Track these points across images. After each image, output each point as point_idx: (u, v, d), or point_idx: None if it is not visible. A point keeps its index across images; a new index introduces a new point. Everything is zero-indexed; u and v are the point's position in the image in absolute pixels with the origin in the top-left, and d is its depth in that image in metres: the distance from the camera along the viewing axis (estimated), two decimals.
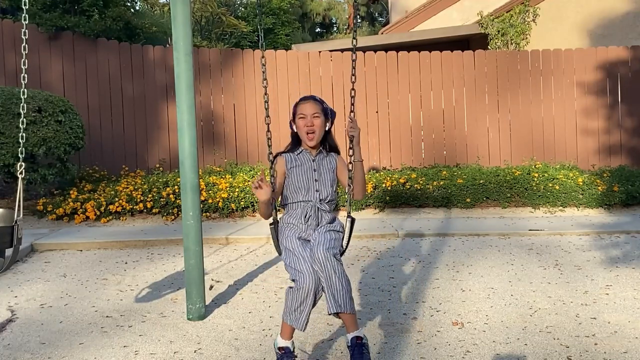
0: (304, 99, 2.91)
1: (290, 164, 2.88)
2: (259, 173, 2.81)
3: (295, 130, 2.90)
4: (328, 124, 2.90)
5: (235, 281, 4.62)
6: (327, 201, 2.88)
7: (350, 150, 2.80)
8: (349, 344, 2.67)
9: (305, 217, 2.83)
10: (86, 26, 8.69)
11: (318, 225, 2.84)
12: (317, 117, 2.83)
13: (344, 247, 2.85)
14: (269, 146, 2.94)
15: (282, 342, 2.76)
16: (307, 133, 2.84)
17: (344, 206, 7.09)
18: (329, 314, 2.67)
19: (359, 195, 2.87)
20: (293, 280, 2.69)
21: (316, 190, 2.85)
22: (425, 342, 3.27)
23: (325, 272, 2.62)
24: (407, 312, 3.78)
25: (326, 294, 2.63)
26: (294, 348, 2.79)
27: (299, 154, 2.91)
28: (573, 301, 3.98)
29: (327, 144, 2.95)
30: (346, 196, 2.90)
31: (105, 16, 9.13)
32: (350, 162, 2.81)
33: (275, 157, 2.91)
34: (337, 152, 3.00)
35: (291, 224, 2.85)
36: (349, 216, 2.85)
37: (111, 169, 8.54)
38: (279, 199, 2.95)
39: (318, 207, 2.84)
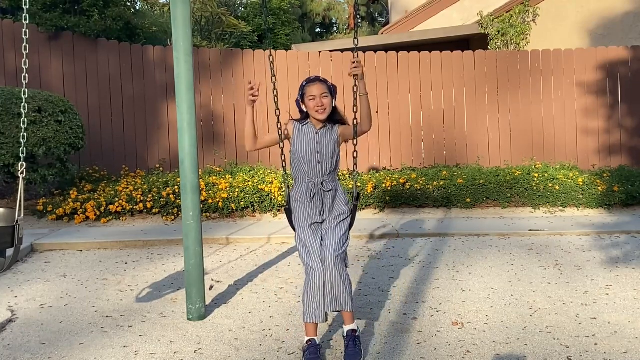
0: (311, 82, 3.14)
1: (297, 131, 3.17)
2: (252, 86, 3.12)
3: (305, 110, 3.15)
4: (334, 101, 3.16)
5: (235, 281, 4.63)
6: (328, 173, 3.13)
7: (355, 88, 3.02)
8: (345, 335, 3.07)
9: (311, 195, 3.10)
10: (86, 26, 8.69)
11: (323, 205, 3.11)
12: (325, 97, 3.10)
13: (351, 223, 3.16)
14: (278, 122, 3.20)
15: (308, 337, 3.08)
16: (318, 111, 3.10)
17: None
18: (330, 311, 3.00)
19: (366, 127, 3.10)
20: (306, 273, 3.05)
21: (318, 162, 3.11)
22: (425, 342, 3.27)
23: (331, 276, 2.96)
24: (407, 312, 3.78)
25: (329, 294, 2.96)
26: (318, 343, 3.09)
27: (304, 125, 3.17)
28: (573, 301, 3.98)
29: (334, 118, 3.18)
30: (351, 183, 3.15)
31: (105, 16, 9.13)
32: (356, 99, 3.04)
33: (281, 123, 3.20)
34: (345, 124, 3.23)
35: (298, 201, 3.14)
36: (355, 197, 3.12)
37: (111, 169, 8.53)
38: (289, 167, 3.20)
39: (321, 188, 3.10)
